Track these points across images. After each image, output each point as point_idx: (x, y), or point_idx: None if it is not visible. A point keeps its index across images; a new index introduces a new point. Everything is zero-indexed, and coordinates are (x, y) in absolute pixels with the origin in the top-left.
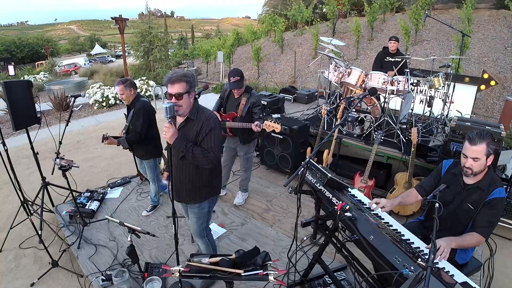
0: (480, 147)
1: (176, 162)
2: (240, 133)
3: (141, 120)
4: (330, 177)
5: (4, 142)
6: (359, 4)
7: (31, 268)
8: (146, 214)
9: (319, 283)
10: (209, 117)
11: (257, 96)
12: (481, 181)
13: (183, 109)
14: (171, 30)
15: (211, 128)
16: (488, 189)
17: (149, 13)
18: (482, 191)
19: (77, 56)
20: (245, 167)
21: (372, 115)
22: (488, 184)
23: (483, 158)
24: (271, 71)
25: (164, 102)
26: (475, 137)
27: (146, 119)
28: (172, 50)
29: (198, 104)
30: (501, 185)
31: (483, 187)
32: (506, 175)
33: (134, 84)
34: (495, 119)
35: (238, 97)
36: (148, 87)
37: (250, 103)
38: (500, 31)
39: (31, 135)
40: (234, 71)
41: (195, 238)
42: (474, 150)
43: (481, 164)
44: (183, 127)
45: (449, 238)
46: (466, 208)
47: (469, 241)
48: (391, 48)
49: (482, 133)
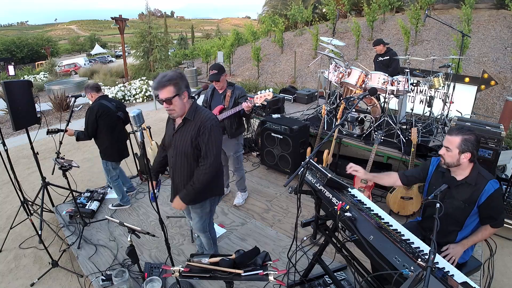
0: (454, 138)
1: (175, 165)
2: (228, 127)
3: (86, 119)
4: (330, 177)
5: (4, 142)
6: (359, 4)
7: (31, 268)
8: (111, 207)
9: (319, 283)
10: (206, 118)
11: (241, 88)
12: (468, 177)
13: (177, 112)
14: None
15: (210, 130)
16: (478, 185)
17: (149, 13)
18: (472, 187)
19: (77, 56)
20: (236, 167)
21: (372, 115)
22: (476, 178)
23: (455, 151)
24: (271, 71)
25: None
26: (454, 129)
27: (90, 120)
28: (172, 50)
29: (196, 104)
30: (491, 177)
31: (471, 182)
32: (506, 175)
33: (94, 88)
34: (495, 119)
35: (222, 92)
36: (148, 87)
37: (236, 94)
38: (500, 31)
39: (31, 135)
40: (214, 65)
41: (197, 233)
42: (447, 139)
43: (452, 156)
44: (181, 128)
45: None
46: (458, 206)
47: (483, 236)
48: (378, 52)
49: (462, 128)
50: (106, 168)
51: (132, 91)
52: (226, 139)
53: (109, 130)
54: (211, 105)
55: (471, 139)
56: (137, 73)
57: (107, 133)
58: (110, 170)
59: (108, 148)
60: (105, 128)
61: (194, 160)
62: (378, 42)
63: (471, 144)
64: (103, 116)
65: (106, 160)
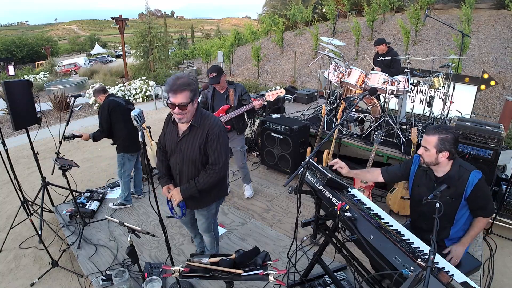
0: (431, 138)
1: (181, 172)
2: (236, 123)
3: (99, 117)
4: (330, 177)
5: (4, 142)
6: (359, 4)
7: (31, 268)
8: (112, 206)
9: (319, 283)
10: (213, 124)
11: (241, 85)
12: (450, 172)
13: (187, 117)
14: (171, 30)
15: (218, 137)
16: (462, 178)
17: (149, 13)
18: (456, 180)
19: (77, 56)
20: (242, 162)
21: (372, 115)
22: (458, 172)
23: (432, 151)
24: (271, 71)
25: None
26: (431, 128)
27: (103, 116)
28: (172, 50)
29: (200, 109)
30: (472, 168)
31: (453, 176)
32: (506, 175)
33: (101, 91)
34: (495, 119)
35: (224, 91)
36: (148, 87)
37: (239, 92)
38: (500, 31)
39: (31, 135)
40: (212, 67)
41: (202, 233)
42: (425, 139)
43: (430, 155)
44: (187, 135)
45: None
46: (446, 201)
47: (479, 228)
48: (380, 52)
49: (439, 127)
50: (121, 162)
51: (132, 91)
52: (234, 135)
53: (123, 123)
54: (214, 105)
55: (448, 138)
56: (137, 73)
57: (121, 125)
58: (125, 163)
59: (126, 139)
60: (119, 122)
61: (202, 165)
62: (381, 41)
63: (448, 143)
64: (115, 110)
65: (123, 152)
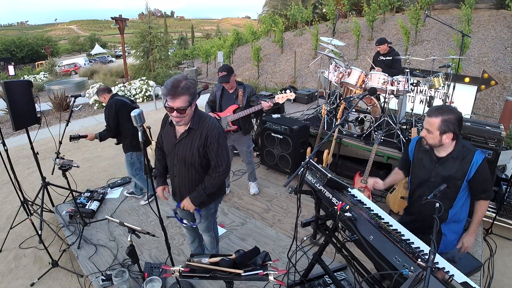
0: (434, 120)
1: (179, 174)
2: (242, 124)
3: (106, 116)
4: (330, 177)
5: (4, 142)
6: (359, 4)
7: (31, 268)
8: (144, 203)
9: (319, 283)
10: (212, 127)
11: (250, 86)
12: (453, 152)
13: (185, 120)
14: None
15: (217, 139)
16: (466, 158)
17: (149, 13)
18: (459, 160)
19: (77, 56)
20: (248, 160)
21: (372, 115)
22: (462, 151)
23: (436, 133)
24: (271, 71)
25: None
26: (433, 109)
27: (110, 115)
28: (172, 50)
29: (198, 111)
30: (475, 149)
31: (456, 156)
32: (506, 175)
33: (106, 90)
34: (495, 119)
35: (233, 91)
36: (148, 87)
37: (248, 93)
38: (500, 31)
39: (31, 135)
40: (222, 66)
41: (202, 233)
42: (427, 121)
43: (433, 138)
44: (185, 138)
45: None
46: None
47: (482, 212)
48: (381, 52)
49: (441, 108)
50: (130, 161)
51: (132, 91)
52: (240, 136)
53: (130, 121)
54: (222, 104)
55: (451, 119)
56: (137, 73)
57: (128, 124)
58: (134, 162)
59: (133, 138)
60: (126, 120)
61: (200, 167)
62: (382, 41)
63: (451, 124)
64: (122, 109)
65: (131, 151)
